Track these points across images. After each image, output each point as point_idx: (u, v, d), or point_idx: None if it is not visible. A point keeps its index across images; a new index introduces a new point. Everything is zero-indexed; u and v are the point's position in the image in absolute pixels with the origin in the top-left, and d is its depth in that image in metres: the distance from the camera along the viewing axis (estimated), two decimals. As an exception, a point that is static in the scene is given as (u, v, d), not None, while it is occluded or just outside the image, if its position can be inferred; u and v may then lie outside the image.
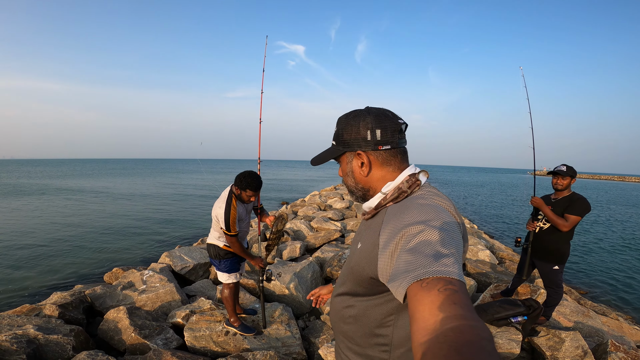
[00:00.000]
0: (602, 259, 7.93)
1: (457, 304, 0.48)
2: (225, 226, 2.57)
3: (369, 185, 0.90)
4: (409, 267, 0.60)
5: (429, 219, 0.69)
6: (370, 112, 0.87)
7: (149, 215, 11.67)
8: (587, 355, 2.58)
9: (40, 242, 7.56)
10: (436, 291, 0.51)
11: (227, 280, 2.83)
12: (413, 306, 0.53)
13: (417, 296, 0.53)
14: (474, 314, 0.47)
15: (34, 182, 25.73)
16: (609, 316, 4.03)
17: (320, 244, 6.24)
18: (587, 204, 2.86)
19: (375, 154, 0.87)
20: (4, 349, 2.25)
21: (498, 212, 15.66)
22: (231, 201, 2.60)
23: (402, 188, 0.84)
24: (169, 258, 4.75)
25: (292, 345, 2.84)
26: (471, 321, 0.45)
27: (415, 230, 0.67)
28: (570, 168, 2.97)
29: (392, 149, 0.87)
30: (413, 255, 0.62)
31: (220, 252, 2.77)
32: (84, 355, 2.32)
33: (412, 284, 0.56)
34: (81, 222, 10.09)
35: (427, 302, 0.51)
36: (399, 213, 0.77)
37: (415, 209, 0.74)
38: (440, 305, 0.49)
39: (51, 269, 5.86)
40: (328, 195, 13.35)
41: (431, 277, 0.54)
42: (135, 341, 2.78)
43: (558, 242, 2.98)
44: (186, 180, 29.80)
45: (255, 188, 2.59)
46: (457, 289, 0.51)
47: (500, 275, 4.65)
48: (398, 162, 0.88)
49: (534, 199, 3.11)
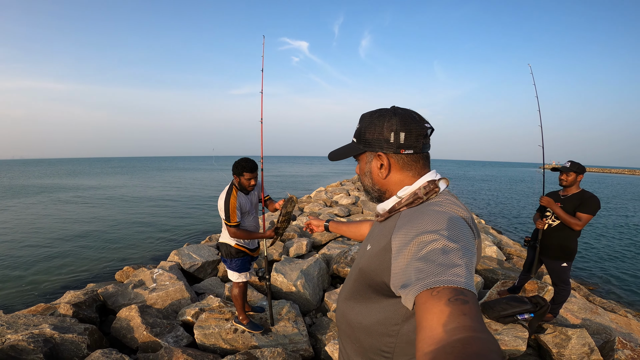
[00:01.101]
0: (612, 254, 7.85)
1: (466, 314, 0.48)
2: (225, 216, 2.59)
3: (386, 188, 0.89)
4: (419, 275, 0.59)
5: (443, 228, 0.68)
6: (397, 113, 0.84)
7: (158, 212, 11.83)
8: (594, 353, 2.58)
9: (53, 242, 7.72)
10: (446, 300, 0.51)
11: (238, 279, 2.85)
12: (421, 314, 0.52)
13: (426, 304, 0.53)
14: (484, 326, 0.47)
15: (45, 183, 26.16)
16: (618, 313, 4.01)
17: (327, 240, 6.26)
18: (598, 201, 2.85)
19: (396, 157, 0.85)
20: (21, 349, 2.32)
21: (506, 207, 15.53)
22: (231, 191, 2.64)
23: (418, 194, 0.82)
24: (177, 256, 4.82)
25: (299, 342, 2.88)
26: (480, 333, 0.44)
27: (428, 238, 0.66)
28: (576, 164, 2.94)
29: (415, 153, 0.84)
30: (424, 263, 0.61)
31: (231, 251, 2.79)
32: (99, 353, 2.38)
33: (422, 292, 0.55)
34: (92, 221, 10.27)
35: (436, 311, 0.50)
36: (413, 219, 0.76)
37: (429, 216, 0.73)
38: (450, 315, 0.48)
39: (64, 267, 5.99)
40: (334, 192, 13.35)
41: (442, 287, 0.54)
42: (147, 339, 2.85)
43: (567, 239, 2.97)
44: (198, 177, 30.02)
45: (251, 169, 2.63)
46: (467, 300, 0.51)
47: (508, 271, 4.64)
48: (419, 168, 0.86)
49: (543, 199, 3.09)
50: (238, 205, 2.64)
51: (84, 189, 20.11)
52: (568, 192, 3.01)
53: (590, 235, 9.67)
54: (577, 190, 2.97)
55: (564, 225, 2.95)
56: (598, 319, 3.34)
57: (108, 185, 22.89)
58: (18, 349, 2.33)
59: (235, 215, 2.60)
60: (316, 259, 4.46)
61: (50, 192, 18.66)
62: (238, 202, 2.64)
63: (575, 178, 2.95)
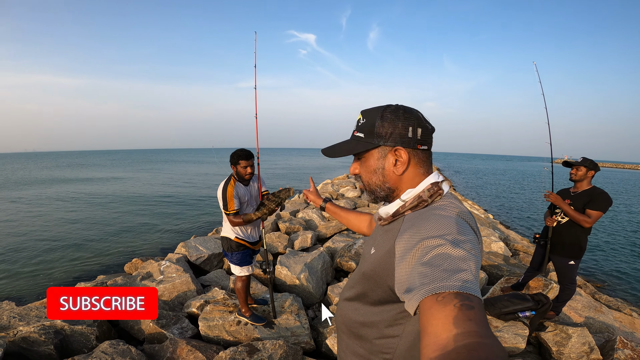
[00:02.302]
0: (621, 251, 7.75)
1: (472, 320, 0.47)
2: (222, 203, 2.64)
3: (397, 185, 0.86)
4: (424, 279, 0.58)
5: (448, 232, 0.67)
6: (408, 110, 0.83)
7: (166, 205, 12.01)
8: (594, 352, 2.58)
9: (65, 234, 7.91)
10: (452, 306, 0.50)
11: (240, 272, 2.87)
12: (425, 320, 0.52)
13: (430, 310, 0.52)
14: (490, 331, 0.46)
15: (56, 175, 26.64)
16: (623, 311, 3.98)
17: (332, 233, 6.29)
18: (608, 198, 2.78)
19: (413, 152, 0.83)
20: (32, 340, 2.41)
21: (514, 202, 15.37)
22: (229, 180, 2.70)
23: (423, 197, 0.81)
24: (184, 248, 4.91)
25: (301, 335, 2.93)
26: (486, 339, 0.44)
27: (433, 243, 0.65)
28: (588, 160, 2.88)
29: (428, 150, 0.85)
30: (429, 268, 0.60)
31: (232, 245, 2.81)
32: (107, 344, 2.46)
33: (426, 297, 0.55)
34: (103, 213, 10.48)
35: (441, 316, 0.49)
36: (417, 223, 0.75)
37: (434, 221, 0.72)
38: (455, 320, 0.47)
39: (75, 259, 6.16)
40: (340, 184, 13.34)
41: (447, 292, 0.53)
42: (153, 330, 2.93)
43: (576, 237, 2.92)
44: (205, 169, 30.26)
45: (246, 157, 2.71)
46: (473, 305, 0.50)
47: (513, 267, 4.61)
48: (428, 166, 0.85)
49: (549, 195, 3.01)
50: (236, 194, 2.68)
51: (94, 182, 20.47)
52: (578, 188, 2.96)
53: (600, 232, 9.54)
54: (588, 187, 2.91)
55: (574, 222, 2.90)
56: (601, 317, 3.32)
57: (118, 177, 23.24)
58: (29, 341, 2.42)
59: (232, 203, 2.64)
60: (320, 252, 4.50)
61: (62, 184, 19.04)
62: (236, 191, 2.69)
63: (585, 173, 2.88)
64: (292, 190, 2.73)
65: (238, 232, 2.81)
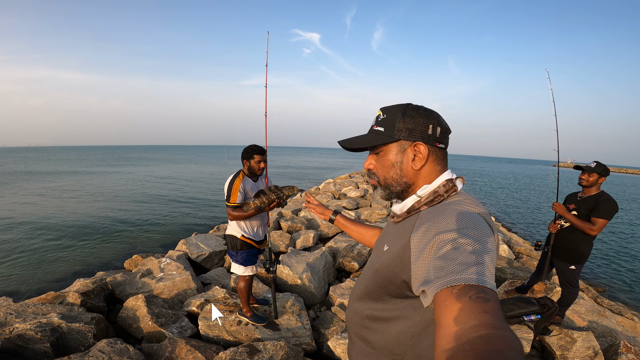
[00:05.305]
0: (624, 256, 7.68)
1: (488, 312, 0.47)
2: (227, 195, 2.62)
3: (413, 181, 0.87)
4: (439, 272, 0.59)
5: (464, 227, 0.67)
6: (430, 110, 0.87)
7: (168, 201, 11.99)
8: (598, 356, 2.54)
9: (67, 229, 7.87)
10: (467, 298, 0.50)
11: (244, 272, 2.81)
12: (440, 312, 0.52)
13: (445, 302, 0.52)
14: (505, 323, 0.46)
15: (59, 169, 26.70)
16: (625, 316, 3.93)
17: (334, 233, 6.26)
18: (614, 205, 2.72)
19: (432, 149, 0.85)
20: (28, 338, 2.38)
21: (519, 205, 15.27)
22: (238, 174, 2.69)
23: (439, 192, 0.82)
24: (185, 245, 4.88)
25: (302, 335, 2.90)
26: (502, 331, 0.43)
27: (449, 237, 0.66)
28: (601, 165, 2.80)
29: (444, 149, 0.88)
30: (445, 261, 0.60)
31: (237, 243, 2.75)
32: (104, 343, 2.43)
33: (441, 290, 0.55)
34: (104, 208, 10.46)
35: (455, 308, 0.50)
36: (433, 217, 0.76)
37: (450, 215, 0.73)
38: (470, 312, 0.47)
39: (76, 255, 6.13)
40: (343, 184, 13.30)
41: (463, 284, 0.53)
42: (152, 329, 2.90)
43: (578, 242, 2.88)
44: (209, 166, 30.29)
45: (261, 151, 2.71)
46: (489, 298, 0.50)
47: (516, 270, 4.57)
48: (444, 164, 0.88)
49: (555, 205, 2.99)
50: (243, 188, 2.65)
51: (97, 176, 20.49)
52: (586, 192, 2.90)
53: (603, 236, 9.47)
54: (596, 192, 2.85)
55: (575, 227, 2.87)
56: (605, 321, 3.28)
57: (121, 173, 23.27)
58: (25, 338, 2.39)
59: (236, 196, 2.61)
60: (322, 252, 4.47)
61: (64, 179, 19.05)
62: (244, 185, 2.67)
63: (597, 179, 2.82)
64: (296, 188, 2.70)
65: (245, 229, 2.76)
